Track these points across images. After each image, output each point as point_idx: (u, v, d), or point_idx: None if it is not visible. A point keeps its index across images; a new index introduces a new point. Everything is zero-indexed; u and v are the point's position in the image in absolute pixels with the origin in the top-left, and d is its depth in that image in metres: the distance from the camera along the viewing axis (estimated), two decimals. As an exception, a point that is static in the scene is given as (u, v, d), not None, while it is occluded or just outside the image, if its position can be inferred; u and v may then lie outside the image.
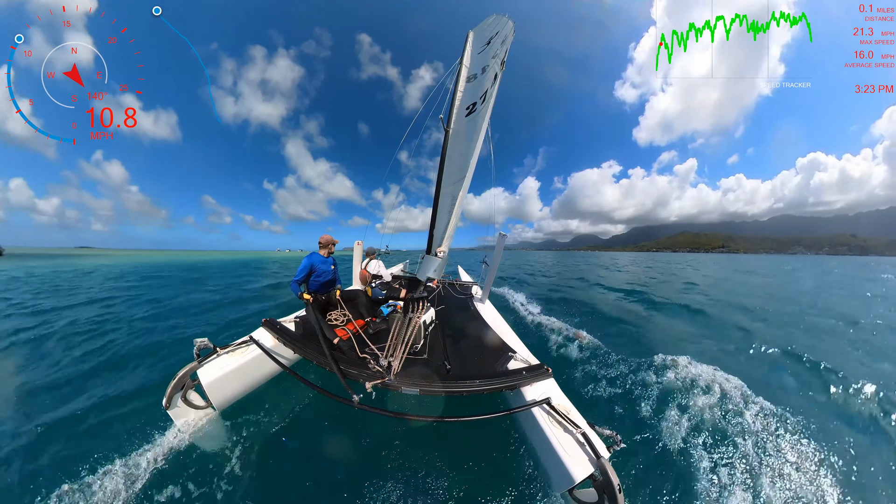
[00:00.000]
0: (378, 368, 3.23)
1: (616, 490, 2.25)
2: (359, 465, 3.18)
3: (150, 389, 4.30)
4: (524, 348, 4.04)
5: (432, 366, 3.52)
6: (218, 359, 3.54)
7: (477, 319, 5.17)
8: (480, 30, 5.43)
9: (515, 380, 3.22)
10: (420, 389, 3.02)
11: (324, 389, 3.01)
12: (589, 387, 4.66)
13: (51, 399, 4.24)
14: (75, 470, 3.01)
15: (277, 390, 4.09)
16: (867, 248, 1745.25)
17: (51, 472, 3.02)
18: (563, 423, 2.72)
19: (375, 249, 7.10)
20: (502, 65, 4.01)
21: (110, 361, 5.36)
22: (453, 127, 4.44)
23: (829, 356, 5.75)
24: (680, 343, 6.72)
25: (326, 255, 4.90)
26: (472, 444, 3.43)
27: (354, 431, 3.58)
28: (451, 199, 4.35)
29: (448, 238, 4.48)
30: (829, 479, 3.15)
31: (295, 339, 3.95)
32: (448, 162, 4.36)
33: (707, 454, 3.39)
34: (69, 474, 2.97)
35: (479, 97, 4.26)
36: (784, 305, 10.65)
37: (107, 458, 3.11)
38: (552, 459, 2.58)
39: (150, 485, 2.87)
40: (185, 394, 3.43)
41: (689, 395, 4.35)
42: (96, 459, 3.11)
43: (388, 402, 3.85)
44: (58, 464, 3.12)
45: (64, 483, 2.86)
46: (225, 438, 3.39)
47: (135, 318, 8.07)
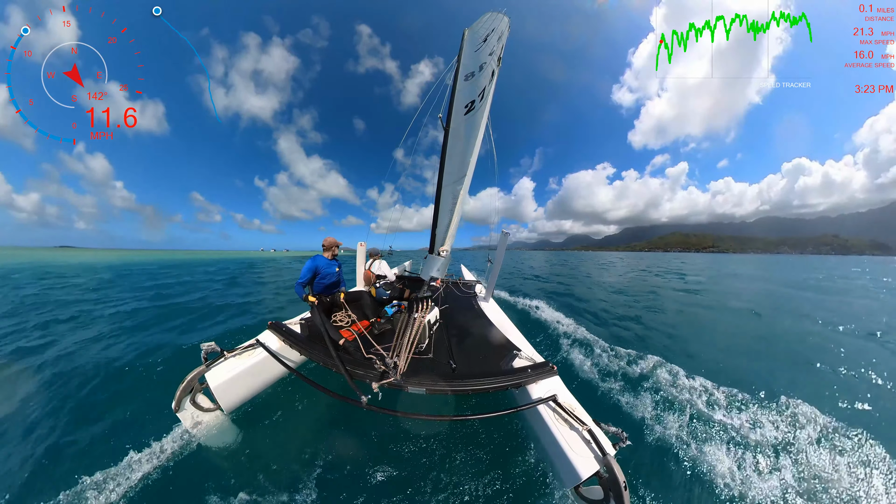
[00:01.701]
0: (384, 368, 3.25)
1: (622, 487, 2.24)
2: (367, 464, 3.21)
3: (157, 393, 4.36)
4: (529, 346, 4.03)
5: (438, 365, 3.53)
6: (225, 362, 3.58)
7: (481, 318, 5.17)
8: (476, 28, 5.41)
9: (521, 378, 3.21)
10: (426, 389, 3.03)
11: (331, 391, 3.04)
12: (595, 384, 4.64)
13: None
14: (83, 471, 3.07)
15: (284, 392, 4.13)
16: (849, 247, 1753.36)
17: (57, 472, 3.08)
18: (569, 420, 2.72)
19: (379, 250, 7.12)
20: (499, 61, 3.99)
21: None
22: (453, 125, 4.43)
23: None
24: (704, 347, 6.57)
25: (331, 258, 4.93)
26: (478, 443, 3.43)
27: (362, 431, 3.61)
28: (452, 198, 4.35)
29: (450, 237, 4.48)
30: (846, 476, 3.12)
31: (301, 341, 3.97)
32: (448, 160, 4.35)
33: (712, 452, 3.36)
34: (77, 475, 3.02)
35: (477, 95, 4.25)
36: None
37: (115, 460, 3.17)
38: (559, 456, 2.58)
39: (159, 486, 2.92)
40: (194, 396, 3.48)
41: (695, 394, 4.32)
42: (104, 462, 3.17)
43: (394, 402, 3.87)
44: (65, 465, 3.18)
45: (71, 484, 2.92)
46: (233, 439, 3.44)
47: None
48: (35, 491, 2.92)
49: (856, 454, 3.36)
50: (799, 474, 3.13)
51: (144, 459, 3.16)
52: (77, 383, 4.61)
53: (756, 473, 3.12)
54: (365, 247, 7.23)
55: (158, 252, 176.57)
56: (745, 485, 3.00)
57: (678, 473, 3.13)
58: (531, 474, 3.00)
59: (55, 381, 4.65)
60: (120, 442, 3.43)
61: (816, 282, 18.32)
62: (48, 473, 3.12)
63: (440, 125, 4.52)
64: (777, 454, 3.35)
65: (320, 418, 3.85)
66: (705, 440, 3.51)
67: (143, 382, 4.73)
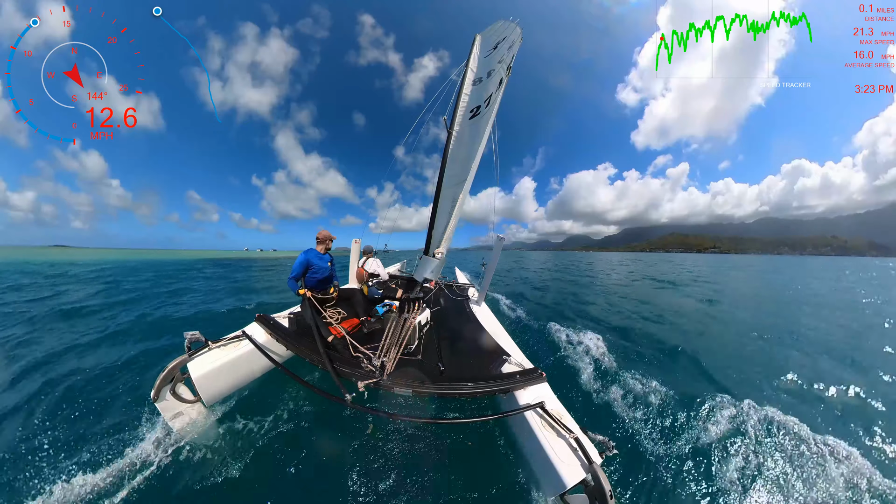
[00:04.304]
0: (371, 368, 3.21)
1: (607, 496, 2.24)
2: (348, 463, 3.15)
3: (138, 381, 4.23)
4: (519, 352, 4.04)
5: (426, 367, 3.50)
6: (209, 353, 3.49)
7: (472, 322, 5.16)
8: (487, 34, 5.47)
9: (509, 383, 3.21)
10: (413, 390, 3.00)
11: (316, 387, 2.99)
12: (583, 392, 4.66)
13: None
14: (56, 464, 2.94)
15: (268, 386, 4.04)
16: (848, 248, 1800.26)
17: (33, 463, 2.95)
18: (556, 427, 2.72)
19: (373, 248, 7.08)
20: (508, 70, 4.03)
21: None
22: (456, 129, 4.44)
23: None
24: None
25: (323, 252, 4.87)
26: (464, 447, 3.41)
27: (345, 430, 3.55)
28: (452, 201, 4.35)
29: (447, 239, 4.47)
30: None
31: (288, 335, 3.91)
32: (450, 164, 4.36)
33: (699, 462, 3.40)
34: (50, 467, 2.90)
35: (483, 101, 4.28)
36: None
37: (90, 451, 3.05)
38: (544, 464, 2.57)
39: (135, 478, 2.81)
40: (175, 387, 3.38)
41: (684, 404, 4.37)
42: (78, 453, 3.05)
43: (380, 402, 3.82)
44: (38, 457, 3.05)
45: (46, 477, 2.80)
46: (213, 433, 3.34)
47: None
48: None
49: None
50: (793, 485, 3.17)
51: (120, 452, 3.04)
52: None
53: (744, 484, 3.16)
54: (359, 244, 7.17)
55: (152, 252, 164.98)
56: (732, 493, 3.04)
57: (665, 483, 3.15)
58: (517, 481, 2.99)
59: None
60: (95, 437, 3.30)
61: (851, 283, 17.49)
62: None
63: (443, 125, 4.53)
64: (773, 465, 3.39)
65: (304, 415, 3.77)
66: (694, 450, 3.54)
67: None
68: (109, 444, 3.20)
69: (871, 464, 3.42)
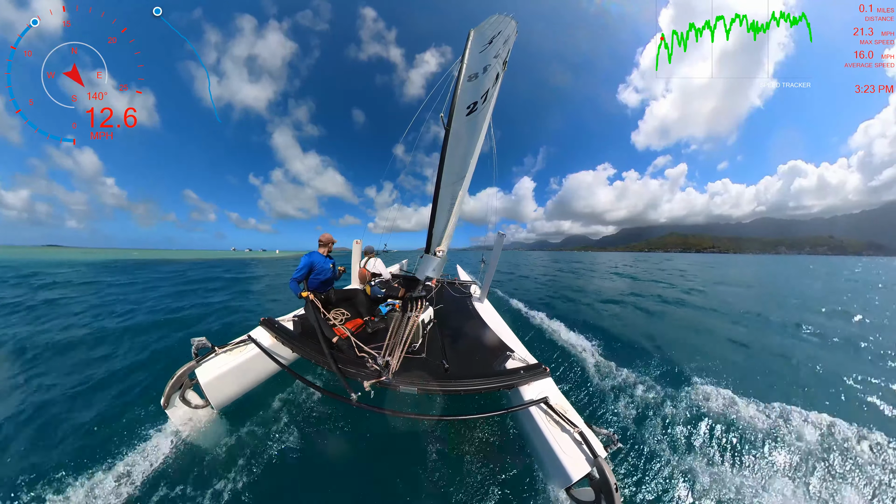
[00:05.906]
0: (376, 367, 3.24)
1: (613, 489, 2.27)
2: (357, 463, 3.20)
3: (148, 388, 4.29)
4: (522, 348, 4.06)
5: (430, 365, 3.53)
6: (216, 358, 3.53)
7: (475, 319, 5.18)
8: (482, 29, 5.41)
9: (513, 379, 3.23)
10: (418, 388, 3.03)
11: (322, 388, 3.02)
12: (586, 387, 4.69)
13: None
14: (70, 471, 3.00)
15: (276, 389, 4.09)
16: (844, 247, 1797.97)
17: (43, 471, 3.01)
18: (561, 422, 2.74)
19: (375, 248, 7.10)
20: (504, 64, 4.00)
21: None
22: (453, 126, 4.42)
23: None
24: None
25: (326, 254, 4.90)
26: (470, 443, 3.44)
27: (353, 430, 3.59)
28: (451, 199, 4.34)
29: (447, 237, 4.47)
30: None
31: (293, 338, 3.94)
32: (448, 161, 4.34)
33: (703, 454, 3.43)
34: (64, 475, 2.96)
35: (479, 97, 4.25)
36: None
37: (103, 458, 3.10)
38: (550, 458, 2.60)
39: (147, 484, 2.86)
40: (184, 393, 3.43)
41: (687, 398, 4.38)
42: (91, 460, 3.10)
43: (386, 401, 3.85)
44: (52, 463, 3.11)
45: (58, 484, 2.85)
46: (223, 437, 3.39)
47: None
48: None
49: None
50: (798, 479, 3.18)
51: (131, 458, 3.10)
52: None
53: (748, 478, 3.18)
54: (361, 244, 7.19)
55: (149, 251, 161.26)
56: (735, 487, 3.06)
57: (669, 476, 3.17)
58: (522, 475, 3.02)
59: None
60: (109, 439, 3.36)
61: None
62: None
63: (442, 123, 4.51)
64: (772, 459, 3.42)
65: (312, 416, 3.82)
66: (699, 445, 3.57)
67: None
68: (121, 450, 3.25)
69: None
